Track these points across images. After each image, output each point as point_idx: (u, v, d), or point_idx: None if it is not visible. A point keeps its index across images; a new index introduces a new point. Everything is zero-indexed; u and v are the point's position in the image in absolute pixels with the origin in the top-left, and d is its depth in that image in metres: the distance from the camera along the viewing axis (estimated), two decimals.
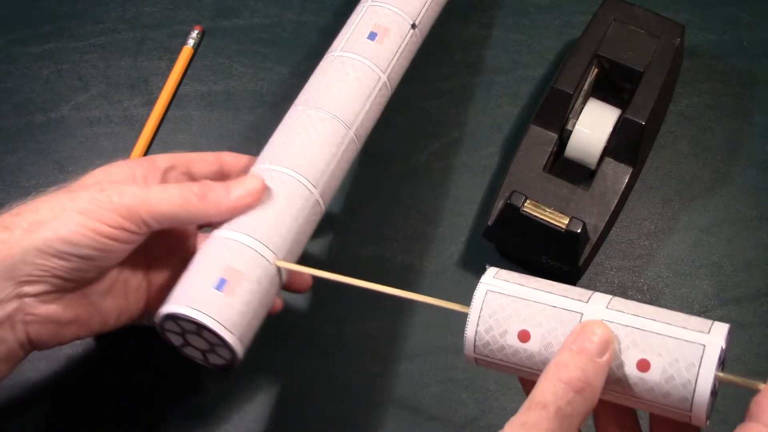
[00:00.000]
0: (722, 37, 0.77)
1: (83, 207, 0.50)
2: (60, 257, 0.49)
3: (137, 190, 0.51)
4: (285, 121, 0.60)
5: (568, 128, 0.68)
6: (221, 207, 0.53)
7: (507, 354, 0.47)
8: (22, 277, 0.49)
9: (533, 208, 0.63)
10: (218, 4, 0.80)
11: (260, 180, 0.55)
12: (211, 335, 0.51)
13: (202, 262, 0.53)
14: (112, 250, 0.51)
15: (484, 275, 0.49)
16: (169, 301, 0.51)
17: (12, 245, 0.48)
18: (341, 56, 0.61)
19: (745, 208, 0.71)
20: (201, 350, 0.54)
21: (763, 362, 0.66)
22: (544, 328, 0.46)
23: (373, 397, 0.66)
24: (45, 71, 0.78)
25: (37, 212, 0.50)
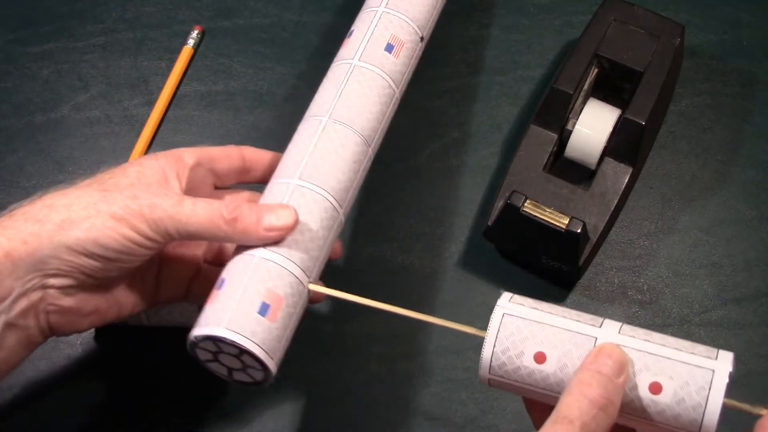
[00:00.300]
0: (722, 37, 0.77)
1: (116, 212, 0.51)
2: (89, 256, 0.51)
3: (168, 206, 0.52)
4: (309, 129, 0.58)
5: (568, 128, 0.68)
6: (250, 236, 0.53)
7: (522, 375, 0.48)
8: (49, 270, 0.50)
9: (533, 208, 0.63)
10: (218, 4, 0.80)
11: (293, 214, 0.54)
12: (250, 359, 0.51)
13: (243, 283, 0.52)
14: (137, 254, 0.52)
15: (500, 299, 0.50)
16: (209, 322, 0.51)
17: (42, 239, 0.49)
18: (361, 67, 0.60)
19: (745, 208, 0.71)
20: (229, 368, 0.54)
21: (763, 362, 0.66)
22: (559, 350, 0.48)
23: (373, 397, 0.66)
24: (45, 71, 0.78)
25: (69, 209, 0.51)
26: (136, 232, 0.51)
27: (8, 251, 0.49)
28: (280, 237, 0.53)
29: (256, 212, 0.53)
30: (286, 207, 0.54)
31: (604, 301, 0.68)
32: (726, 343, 0.67)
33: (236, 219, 0.52)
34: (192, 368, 0.67)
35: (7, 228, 0.50)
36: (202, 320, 0.51)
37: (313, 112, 0.59)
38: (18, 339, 0.51)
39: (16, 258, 0.49)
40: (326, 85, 0.60)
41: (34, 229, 0.50)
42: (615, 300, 0.68)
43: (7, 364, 0.52)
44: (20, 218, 0.51)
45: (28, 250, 0.49)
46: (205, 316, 0.52)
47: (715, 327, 0.67)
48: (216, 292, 0.52)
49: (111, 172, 0.55)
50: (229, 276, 0.52)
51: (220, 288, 0.52)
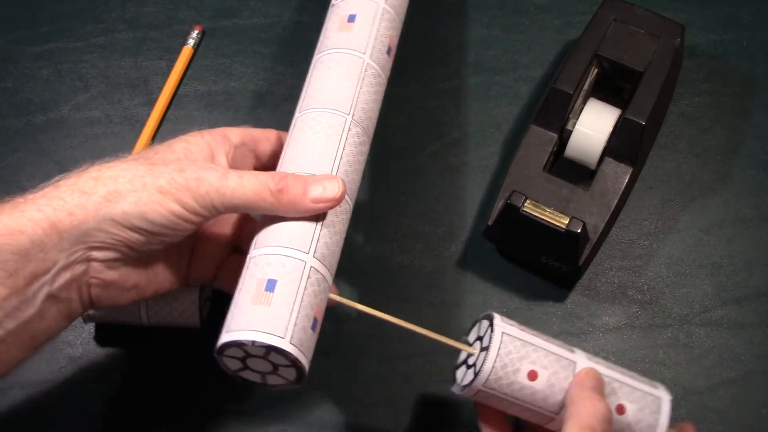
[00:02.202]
0: (722, 37, 0.77)
1: (162, 186, 0.50)
2: (134, 230, 0.50)
3: (214, 179, 0.51)
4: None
5: (568, 128, 0.68)
6: (297, 208, 0.52)
7: (514, 389, 0.53)
8: (94, 243, 0.50)
9: (533, 208, 0.63)
10: (218, 4, 0.80)
11: (341, 185, 0.53)
12: (286, 363, 0.50)
13: (298, 293, 0.50)
14: (182, 229, 0.52)
15: (495, 319, 0.54)
16: (267, 329, 0.49)
17: (89, 211, 0.49)
18: (372, 67, 0.60)
19: (745, 208, 0.71)
20: (260, 372, 0.52)
21: (763, 362, 0.66)
22: (549, 370, 0.53)
23: (373, 397, 0.66)
24: (45, 71, 0.78)
25: (116, 181, 0.50)
26: (182, 207, 0.51)
27: (54, 222, 0.49)
28: (326, 209, 0.52)
29: (302, 184, 0.52)
30: (334, 178, 0.53)
31: (604, 301, 0.68)
32: (726, 343, 0.67)
33: (282, 190, 0.52)
34: (191, 368, 0.67)
35: (53, 198, 0.49)
36: (256, 323, 0.49)
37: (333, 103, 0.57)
38: (59, 310, 0.51)
39: (62, 230, 0.49)
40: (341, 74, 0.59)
41: (80, 201, 0.49)
42: (615, 300, 0.68)
43: (47, 334, 0.51)
44: (66, 189, 0.50)
45: (74, 222, 0.49)
46: (258, 319, 0.49)
47: (715, 327, 0.67)
48: (264, 293, 0.50)
49: (156, 148, 0.54)
50: (281, 280, 0.50)
51: (272, 290, 0.50)
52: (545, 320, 0.68)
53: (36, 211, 0.49)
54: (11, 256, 0.47)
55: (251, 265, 0.52)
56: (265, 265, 0.51)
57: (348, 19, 0.61)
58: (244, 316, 0.50)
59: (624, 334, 0.67)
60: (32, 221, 0.48)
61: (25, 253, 0.48)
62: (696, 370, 0.66)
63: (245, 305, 0.50)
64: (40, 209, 0.49)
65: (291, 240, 0.52)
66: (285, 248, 0.51)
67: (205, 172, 0.51)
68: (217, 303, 0.69)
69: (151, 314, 0.65)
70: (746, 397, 0.65)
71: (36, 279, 0.49)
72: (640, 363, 0.66)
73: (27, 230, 0.48)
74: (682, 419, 0.64)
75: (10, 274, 0.48)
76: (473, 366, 0.54)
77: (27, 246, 0.48)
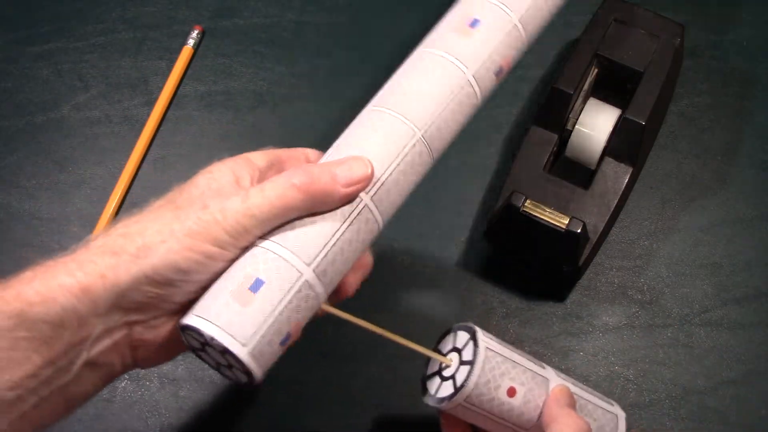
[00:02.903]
0: (722, 37, 0.77)
1: (191, 228, 0.47)
2: (169, 284, 0.47)
3: (237, 203, 0.48)
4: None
5: (568, 128, 0.68)
6: (331, 197, 0.49)
7: (493, 405, 0.53)
8: (130, 305, 0.47)
9: (533, 208, 0.63)
10: (218, 4, 0.80)
11: (367, 163, 0.50)
12: (241, 368, 0.48)
13: (279, 304, 0.47)
14: (218, 269, 0.48)
15: (478, 333, 0.53)
16: (231, 328, 0.46)
17: (120, 272, 0.46)
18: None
19: (745, 208, 0.71)
20: (216, 361, 0.50)
21: (763, 362, 0.66)
22: (526, 387, 0.54)
23: (373, 399, 0.66)
24: (45, 71, 0.78)
25: (143, 235, 0.47)
26: (216, 245, 0.47)
27: (86, 287, 0.46)
28: (360, 190, 0.49)
29: (327, 170, 0.49)
30: (358, 158, 0.50)
31: (604, 301, 0.68)
32: (726, 343, 0.67)
33: (310, 182, 0.48)
34: (191, 368, 0.67)
35: (84, 263, 0.47)
36: (223, 321, 0.46)
37: (410, 112, 0.52)
38: (99, 375, 0.48)
39: (95, 294, 0.46)
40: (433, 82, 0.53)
41: (111, 262, 0.46)
42: (615, 300, 0.68)
43: (84, 397, 0.48)
44: (97, 251, 0.47)
45: (106, 285, 0.46)
46: (227, 317, 0.46)
47: (715, 327, 0.67)
48: (246, 291, 0.47)
49: (181, 187, 0.50)
50: (268, 284, 0.47)
51: (255, 291, 0.47)
52: (545, 320, 0.68)
53: (67, 275, 0.46)
54: (44, 325, 0.45)
55: (248, 254, 0.48)
56: (261, 260, 0.48)
57: (470, 24, 0.54)
58: (215, 307, 0.47)
59: (624, 334, 0.67)
60: (64, 287, 0.45)
61: (59, 321, 0.45)
62: (696, 370, 0.66)
63: (223, 296, 0.47)
64: (71, 273, 0.46)
65: (298, 245, 0.48)
66: (288, 251, 0.48)
67: (227, 200, 0.48)
68: None
69: None
70: (746, 397, 0.65)
71: (72, 347, 0.46)
72: (640, 363, 0.66)
73: (59, 297, 0.45)
74: (683, 419, 0.64)
75: (44, 342, 0.45)
76: (451, 379, 0.53)
77: (60, 313, 0.45)
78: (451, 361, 0.54)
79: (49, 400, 0.46)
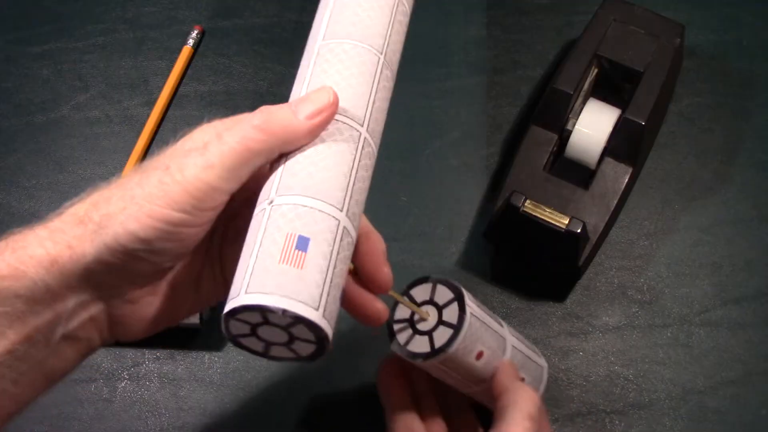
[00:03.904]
0: (722, 37, 0.77)
1: (150, 193, 0.44)
2: (132, 254, 0.44)
3: (196, 158, 0.44)
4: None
5: (568, 128, 0.68)
6: (296, 134, 0.45)
7: (460, 366, 0.53)
8: (100, 278, 0.45)
9: (533, 208, 0.63)
10: (218, 4, 0.80)
11: (329, 91, 0.46)
12: (309, 346, 0.44)
13: (332, 259, 0.43)
14: (187, 235, 0.45)
15: (465, 300, 0.53)
16: (307, 302, 0.42)
17: (85, 243, 0.44)
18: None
19: (745, 208, 0.71)
20: (267, 341, 0.45)
21: (763, 362, 0.66)
22: (491, 350, 0.55)
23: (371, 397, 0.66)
24: (45, 71, 0.78)
25: (108, 203, 0.44)
26: (177, 209, 0.44)
27: (54, 258, 0.43)
28: (327, 121, 0.45)
29: (287, 107, 0.46)
30: (319, 89, 0.46)
31: (604, 301, 0.68)
32: (726, 343, 0.67)
33: (270, 120, 0.45)
34: (191, 368, 0.67)
35: (55, 231, 0.44)
36: (288, 289, 0.42)
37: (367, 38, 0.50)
38: (77, 349, 0.46)
39: (63, 266, 0.44)
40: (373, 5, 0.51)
41: (78, 232, 0.44)
42: (615, 300, 0.68)
43: (62, 371, 0.47)
44: (68, 219, 0.45)
45: (73, 256, 0.44)
46: (289, 284, 0.42)
47: (715, 327, 0.67)
48: (295, 252, 0.42)
49: (159, 152, 0.47)
50: (314, 239, 0.43)
51: (304, 249, 0.43)
52: (545, 320, 0.68)
53: (38, 246, 0.44)
54: (16, 300, 0.43)
55: (275, 214, 0.43)
56: (293, 217, 0.43)
57: None
58: (271, 277, 0.42)
59: (624, 334, 0.67)
60: (34, 258, 0.43)
61: (31, 295, 0.43)
62: (696, 370, 0.66)
63: (271, 263, 0.42)
64: (41, 244, 0.44)
65: (322, 191, 0.44)
66: (316, 200, 0.44)
67: (186, 158, 0.44)
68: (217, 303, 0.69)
69: None
70: (746, 397, 0.65)
71: (47, 322, 0.44)
72: (640, 363, 0.66)
73: (29, 270, 0.43)
74: (682, 419, 0.64)
75: (18, 317, 0.43)
76: (427, 336, 0.53)
77: (31, 287, 0.43)
78: (428, 315, 0.54)
79: (28, 375, 0.45)
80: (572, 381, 0.66)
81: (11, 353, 0.44)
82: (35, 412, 0.66)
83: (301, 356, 0.45)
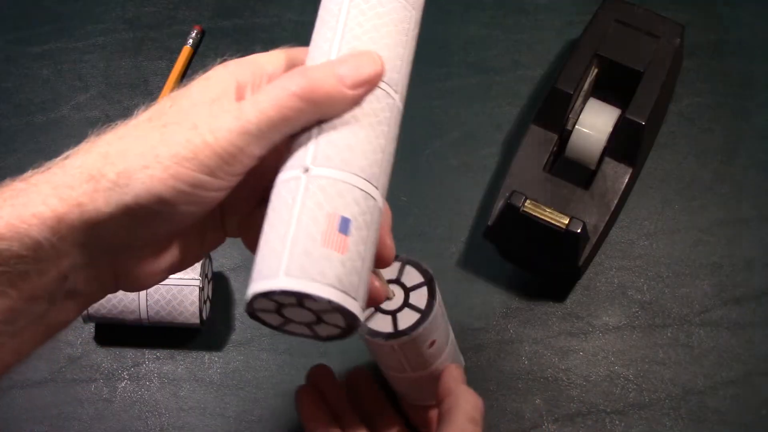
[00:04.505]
0: (722, 37, 0.77)
1: (177, 153, 0.41)
2: (153, 216, 0.42)
3: (229, 121, 0.41)
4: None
5: (568, 128, 0.68)
6: (335, 104, 0.42)
7: (413, 351, 0.54)
8: (111, 237, 0.42)
9: (533, 208, 0.63)
10: (218, 4, 0.80)
11: (376, 57, 0.42)
12: (332, 330, 0.42)
13: (369, 248, 0.41)
14: (212, 199, 0.43)
15: (435, 285, 0.54)
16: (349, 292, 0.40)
17: (98, 201, 0.41)
18: None
19: (745, 208, 0.71)
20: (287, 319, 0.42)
21: (763, 362, 0.66)
22: (440, 339, 0.55)
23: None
24: (45, 71, 0.78)
25: (125, 158, 0.41)
26: (205, 173, 0.41)
27: (61, 216, 0.41)
28: (369, 91, 0.42)
29: (329, 70, 0.42)
30: (365, 53, 0.43)
31: (604, 301, 0.68)
32: (726, 343, 0.67)
33: (312, 88, 0.41)
34: (191, 368, 0.67)
35: (60, 187, 0.41)
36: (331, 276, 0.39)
37: None
38: (78, 302, 0.44)
39: (71, 225, 0.41)
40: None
41: (89, 188, 0.41)
42: (615, 300, 0.68)
43: (63, 324, 0.45)
44: (75, 173, 0.42)
45: (83, 216, 0.41)
46: (333, 271, 0.39)
47: (715, 327, 0.67)
48: (337, 235, 0.40)
49: (173, 96, 0.44)
50: (355, 222, 0.40)
51: (346, 232, 0.40)
52: (545, 320, 0.68)
53: (41, 203, 0.41)
54: (18, 260, 0.41)
55: (312, 186, 0.40)
56: (334, 194, 0.40)
57: None
58: (313, 262, 0.39)
59: (624, 334, 0.67)
60: (37, 217, 0.41)
61: (34, 255, 0.41)
62: (696, 370, 0.66)
63: (312, 246, 0.39)
64: (45, 201, 0.41)
65: (364, 168, 0.41)
66: (357, 177, 0.41)
67: (219, 118, 0.42)
68: (217, 302, 0.69)
69: (151, 314, 0.65)
70: (746, 397, 0.65)
71: (52, 280, 0.42)
72: (640, 363, 0.66)
73: (32, 230, 0.41)
74: (682, 419, 0.64)
75: (20, 276, 0.41)
76: (391, 316, 0.52)
77: (34, 247, 0.41)
78: (394, 294, 0.53)
79: (29, 329, 0.43)
80: (572, 381, 0.66)
81: (13, 311, 0.42)
82: (35, 412, 0.66)
83: (319, 336, 0.43)
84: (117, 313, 0.65)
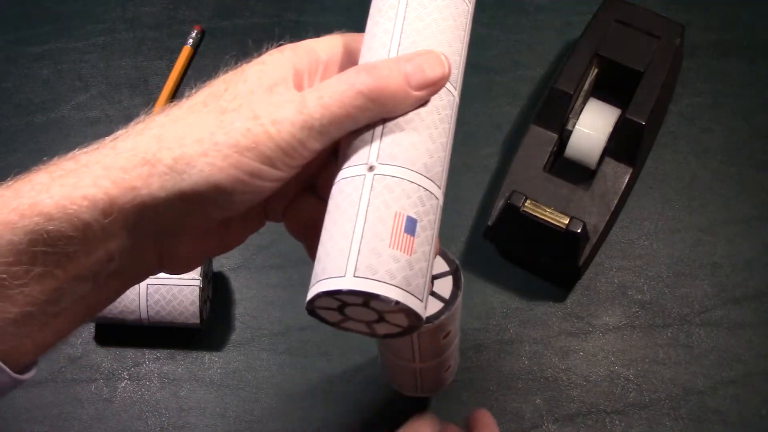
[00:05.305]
0: (722, 37, 0.77)
1: (237, 142, 0.40)
2: (209, 204, 0.41)
3: (292, 113, 0.41)
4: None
5: (568, 128, 0.68)
6: (397, 105, 0.41)
7: (430, 339, 0.54)
8: (163, 221, 0.42)
9: (533, 208, 0.63)
10: (218, 4, 0.80)
11: (442, 60, 0.42)
12: (392, 329, 0.42)
13: (432, 248, 0.40)
14: (269, 188, 0.42)
15: (461, 275, 0.53)
16: (416, 294, 0.39)
17: (153, 186, 0.40)
18: None
19: (745, 208, 0.71)
20: (345, 317, 0.42)
21: (763, 362, 0.66)
22: (455, 331, 0.55)
23: (373, 398, 0.66)
24: (45, 71, 0.78)
25: (182, 143, 0.41)
26: (265, 163, 0.41)
27: (114, 199, 0.40)
28: (433, 94, 0.42)
29: (398, 70, 0.41)
30: (431, 53, 0.42)
31: (604, 301, 0.68)
32: (726, 343, 0.67)
33: (378, 87, 0.41)
34: (191, 368, 0.67)
35: (112, 169, 0.41)
36: (399, 279, 0.38)
37: None
38: (122, 282, 0.44)
39: (123, 208, 0.40)
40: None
41: (143, 172, 0.40)
42: (615, 300, 0.68)
43: (105, 303, 0.45)
44: (128, 155, 0.41)
45: (136, 199, 0.40)
46: (400, 273, 0.39)
47: (715, 327, 0.67)
48: (404, 236, 0.39)
49: (227, 78, 0.44)
50: (420, 222, 0.40)
51: (412, 232, 0.39)
52: (545, 320, 0.68)
53: (92, 185, 0.40)
54: (68, 241, 0.40)
55: (378, 185, 0.40)
56: (401, 194, 0.39)
57: None
58: (382, 263, 0.38)
59: (624, 334, 0.67)
60: (88, 199, 0.40)
61: (83, 237, 0.40)
62: (696, 370, 0.66)
63: (381, 246, 0.38)
64: (96, 183, 0.40)
65: (428, 167, 0.41)
66: (422, 177, 0.40)
67: (281, 109, 0.41)
68: (217, 302, 0.69)
69: (151, 314, 0.65)
70: (746, 397, 0.65)
71: (98, 261, 0.42)
72: (640, 363, 0.66)
73: (83, 212, 0.40)
74: (682, 419, 0.64)
75: (67, 256, 0.40)
76: None
77: (83, 229, 0.40)
78: None
79: (71, 309, 0.43)
80: (572, 381, 0.66)
81: (58, 291, 0.41)
82: (35, 412, 0.66)
83: (376, 334, 0.42)
84: (117, 313, 0.65)
